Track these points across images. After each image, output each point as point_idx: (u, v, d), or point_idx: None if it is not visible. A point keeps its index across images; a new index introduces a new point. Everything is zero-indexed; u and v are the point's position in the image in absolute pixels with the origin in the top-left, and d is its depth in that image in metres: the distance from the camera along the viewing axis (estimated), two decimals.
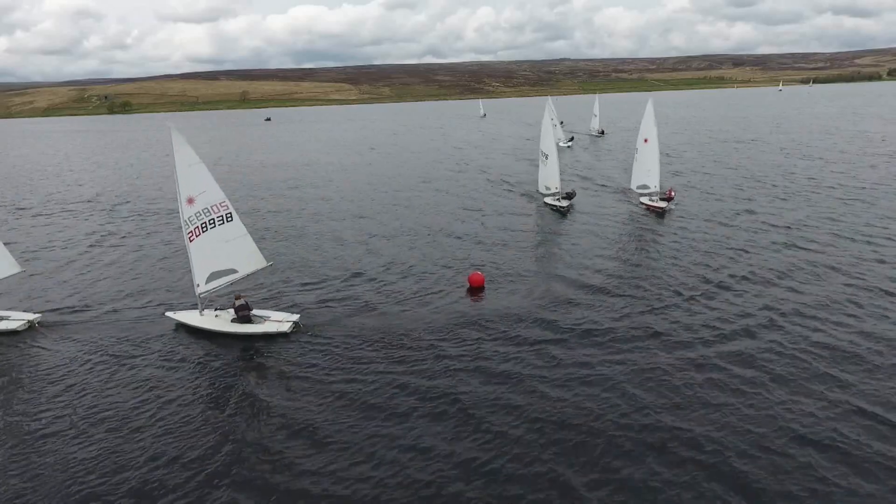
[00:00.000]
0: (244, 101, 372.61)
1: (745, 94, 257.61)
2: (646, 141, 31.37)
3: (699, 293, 18.80)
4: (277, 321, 17.54)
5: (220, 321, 17.84)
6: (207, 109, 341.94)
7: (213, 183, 17.66)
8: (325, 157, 64.43)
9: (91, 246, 28.47)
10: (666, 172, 37.35)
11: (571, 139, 63.90)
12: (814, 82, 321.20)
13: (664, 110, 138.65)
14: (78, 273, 24.26)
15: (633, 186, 32.97)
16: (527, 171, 44.97)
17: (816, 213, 28.71)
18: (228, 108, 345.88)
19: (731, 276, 20.26)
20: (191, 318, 18.20)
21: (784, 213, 29.08)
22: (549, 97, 37.01)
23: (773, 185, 36.20)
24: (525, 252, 24.68)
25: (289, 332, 17.07)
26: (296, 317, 17.80)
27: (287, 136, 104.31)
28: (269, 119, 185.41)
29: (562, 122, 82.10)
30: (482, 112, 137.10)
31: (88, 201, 41.06)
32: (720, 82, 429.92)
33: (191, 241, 17.57)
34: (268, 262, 18.89)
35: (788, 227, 26.16)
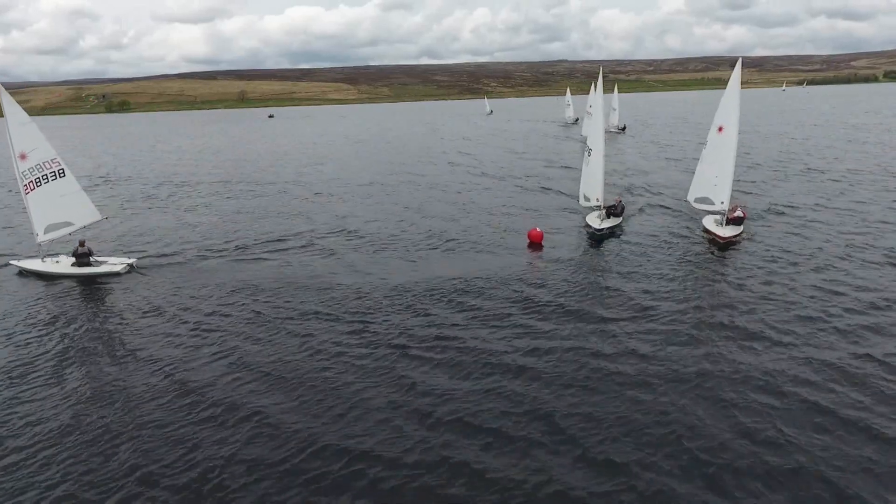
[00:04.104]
0: (243, 101, 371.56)
1: (749, 94, 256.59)
2: (720, 130, 21.11)
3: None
4: (113, 263, 19.80)
5: (61, 266, 20.01)
6: (206, 109, 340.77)
7: (44, 141, 19.56)
8: (328, 150, 64.44)
9: None
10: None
11: None
12: (808, 84, 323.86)
13: (673, 109, 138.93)
14: None
15: (691, 199, 22.71)
16: (562, 176, 37.88)
17: None
18: (227, 107, 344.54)
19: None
20: (33, 264, 20.30)
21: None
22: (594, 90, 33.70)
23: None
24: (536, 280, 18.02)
25: (122, 272, 19.47)
26: (132, 260, 20.19)
27: (294, 133, 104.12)
28: (272, 116, 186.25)
29: (576, 120, 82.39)
30: (488, 109, 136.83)
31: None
32: (718, 83, 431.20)
33: (26, 194, 19.47)
34: (103, 215, 21.32)
35: None
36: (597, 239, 22.33)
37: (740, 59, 20.98)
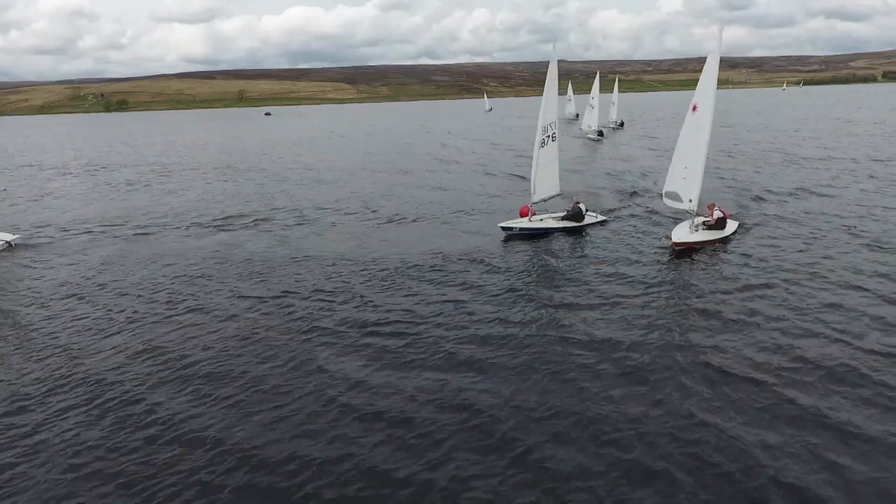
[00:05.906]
0: (241, 100, 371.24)
1: (751, 93, 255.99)
2: (694, 109, 18.56)
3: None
4: None
5: None
6: (205, 108, 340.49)
7: None
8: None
9: None
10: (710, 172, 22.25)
11: (601, 133, 55.98)
12: (804, 83, 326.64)
13: (674, 107, 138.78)
14: None
15: (663, 193, 20.13)
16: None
17: None
18: (225, 106, 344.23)
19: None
20: None
21: None
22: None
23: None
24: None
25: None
26: (14, 237, 21.19)
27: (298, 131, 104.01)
28: (269, 114, 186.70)
29: (577, 115, 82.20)
30: (488, 107, 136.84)
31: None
32: (718, 84, 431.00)
33: None
34: (2, 187, 24.13)
35: None
36: (509, 238, 20.10)
37: (720, 25, 19.00)
